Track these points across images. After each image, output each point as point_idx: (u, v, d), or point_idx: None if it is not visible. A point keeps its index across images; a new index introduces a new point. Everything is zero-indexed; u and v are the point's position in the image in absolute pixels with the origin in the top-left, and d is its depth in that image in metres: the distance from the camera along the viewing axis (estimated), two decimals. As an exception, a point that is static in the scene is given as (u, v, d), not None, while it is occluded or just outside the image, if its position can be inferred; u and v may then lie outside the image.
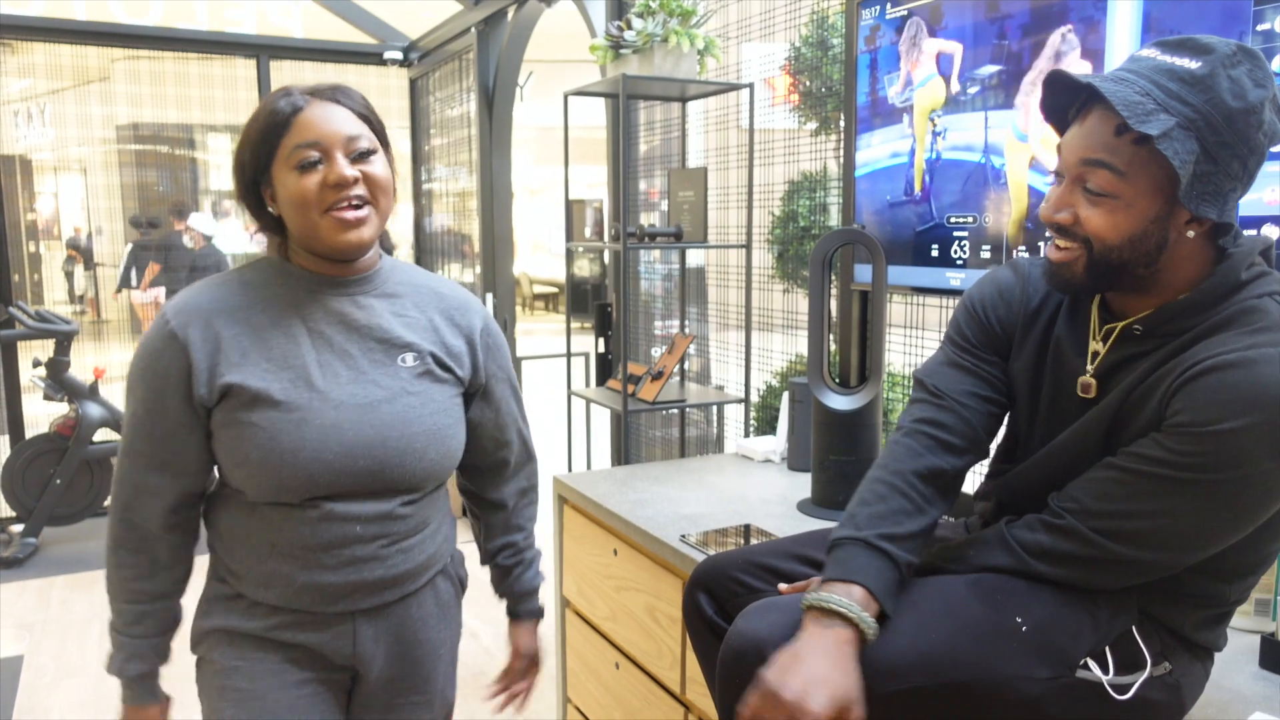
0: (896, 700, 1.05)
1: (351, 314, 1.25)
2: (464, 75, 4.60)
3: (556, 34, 4.97)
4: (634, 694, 1.98)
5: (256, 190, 1.21)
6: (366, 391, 1.22)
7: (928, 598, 1.11)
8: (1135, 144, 1.02)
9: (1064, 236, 1.09)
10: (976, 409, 1.22)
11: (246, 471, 1.18)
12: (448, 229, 5.08)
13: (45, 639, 3.40)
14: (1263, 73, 1.01)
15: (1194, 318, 1.06)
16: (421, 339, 1.28)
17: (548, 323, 13.33)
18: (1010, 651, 1.06)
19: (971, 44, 1.80)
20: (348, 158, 1.17)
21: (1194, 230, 1.04)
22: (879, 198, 2.06)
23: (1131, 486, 1.04)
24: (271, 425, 1.16)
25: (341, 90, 1.21)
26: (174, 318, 1.18)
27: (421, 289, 1.33)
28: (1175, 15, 1.45)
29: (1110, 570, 1.07)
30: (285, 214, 1.20)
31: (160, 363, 1.18)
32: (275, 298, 1.23)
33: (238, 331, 1.19)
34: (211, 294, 1.21)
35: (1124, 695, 1.07)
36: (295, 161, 1.15)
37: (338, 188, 1.16)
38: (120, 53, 4.87)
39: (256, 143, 1.18)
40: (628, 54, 2.64)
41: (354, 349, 1.24)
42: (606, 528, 2.04)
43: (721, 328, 3.27)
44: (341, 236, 1.18)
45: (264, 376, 1.18)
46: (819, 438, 1.93)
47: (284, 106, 1.16)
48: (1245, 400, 0.96)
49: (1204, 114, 0.99)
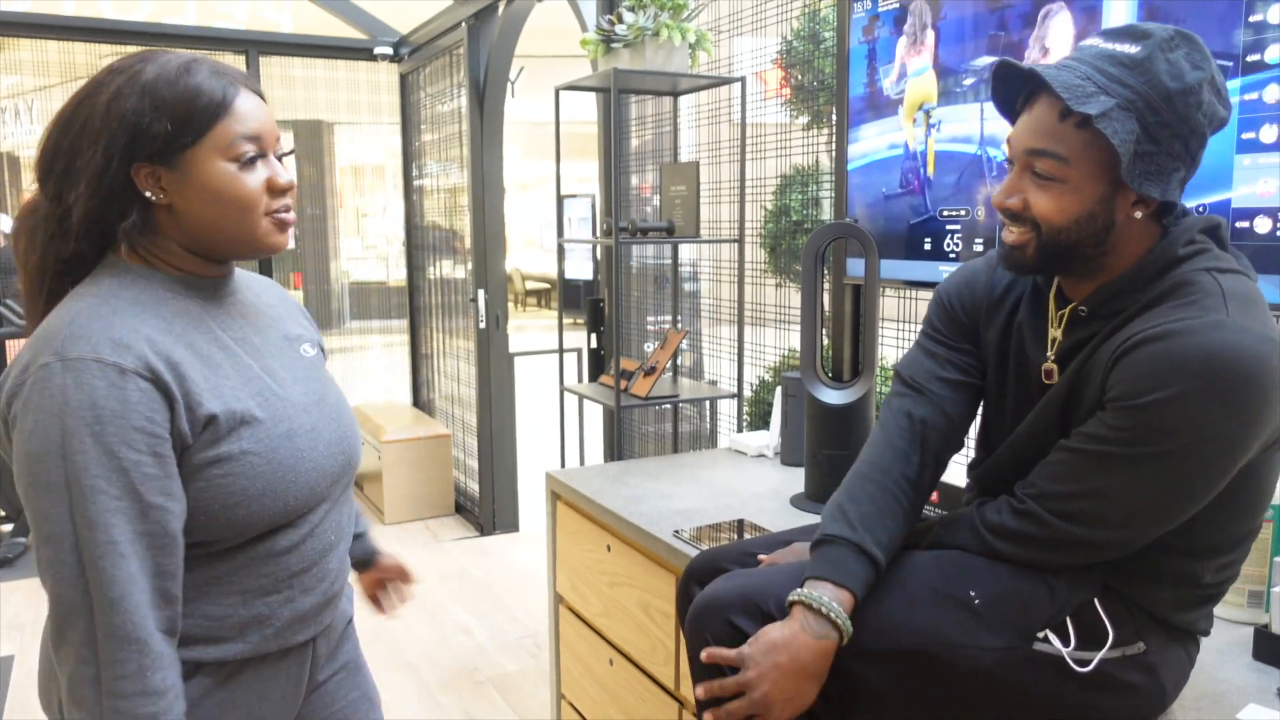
0: (856, 661, 1.11)
1: (248, 314, 1.14)
2: (455, 70, 4.58)
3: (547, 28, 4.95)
4: (628, 690, 1.98)
5: (128, 166, 1.00)
6: (309, 389, 1.14)
7: (890, 570, 1.16)
8: (1078, 128, 1.05)
9: (1015, 222, 1.12)
10: (949, 395, 1.26)
11: (246, 509, 1.01)
12: (439, 225, 5.07)
13: (36, 639, 3.38)
14: (1200, 55, 1.04)
15: (1131, 295, 1.09)
16: (299, 328, 1.22)
17: (540, 319, 13.31)
18: (962, 620, 1.10)
19: (972, 35, 1.80)
20: (277, 158, 1.08)
21: (1140, 211, 1.08)
22: (874, 190, 2.06)
23: (1078, 466, 1.08)
24: (265, 448, 1.03)
25: (255, 80, 1.09)
26: (116, 355, 0.94)
27: (251, 279, 1.23)
28: (1173, 8, 1.44)
29: (1069, 550, 1.10)
30: (193, 206, 1.02)
31: (138, 415, 0.94)
32: (182, 311, 1.05)
33: (185, 355, 1.01)
34: (124, 322, 0.98)
35: (1085, 668, 1.09)
36: (234, 154, 1.02)
37: (283, 192, 1.07)
38: (108, 49, 4.83)
39: (178, 115, 0.99)
40: (619, 48, 2.63)
41: (272, 349, 1.13)
42: (600, 524, 2.03)
43: (714, 322, 3.27)
44: (278, 239, 1.09)
45: (238, 396, 1.03)
46: (812, 432, 1.93)
47: (219, 86, 1.01)
48: (1171, 371, 0.99)
49: (1143, 95, 1.02)
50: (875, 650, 1.11)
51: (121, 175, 1.00)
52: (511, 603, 3.59)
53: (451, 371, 4.98)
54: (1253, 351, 0.98)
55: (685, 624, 1.24)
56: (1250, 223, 1.38)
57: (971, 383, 1.28)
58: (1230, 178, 1.39)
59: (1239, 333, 0.98)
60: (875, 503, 1.19)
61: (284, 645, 1.11)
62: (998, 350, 1.25)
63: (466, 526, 4.69)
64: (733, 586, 1.21)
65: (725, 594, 1.20)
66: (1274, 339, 1.00)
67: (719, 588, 1.22)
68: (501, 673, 3.06)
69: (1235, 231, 1.39)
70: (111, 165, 0.99)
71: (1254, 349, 0.98)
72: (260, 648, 1.08)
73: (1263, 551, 1.38)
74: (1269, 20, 1.32)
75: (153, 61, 1.01)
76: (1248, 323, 0.99)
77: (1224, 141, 1.37)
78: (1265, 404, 0.99)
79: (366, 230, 7.67)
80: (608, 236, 2.73)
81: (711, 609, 1.19)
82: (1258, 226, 1.37)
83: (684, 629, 1.25)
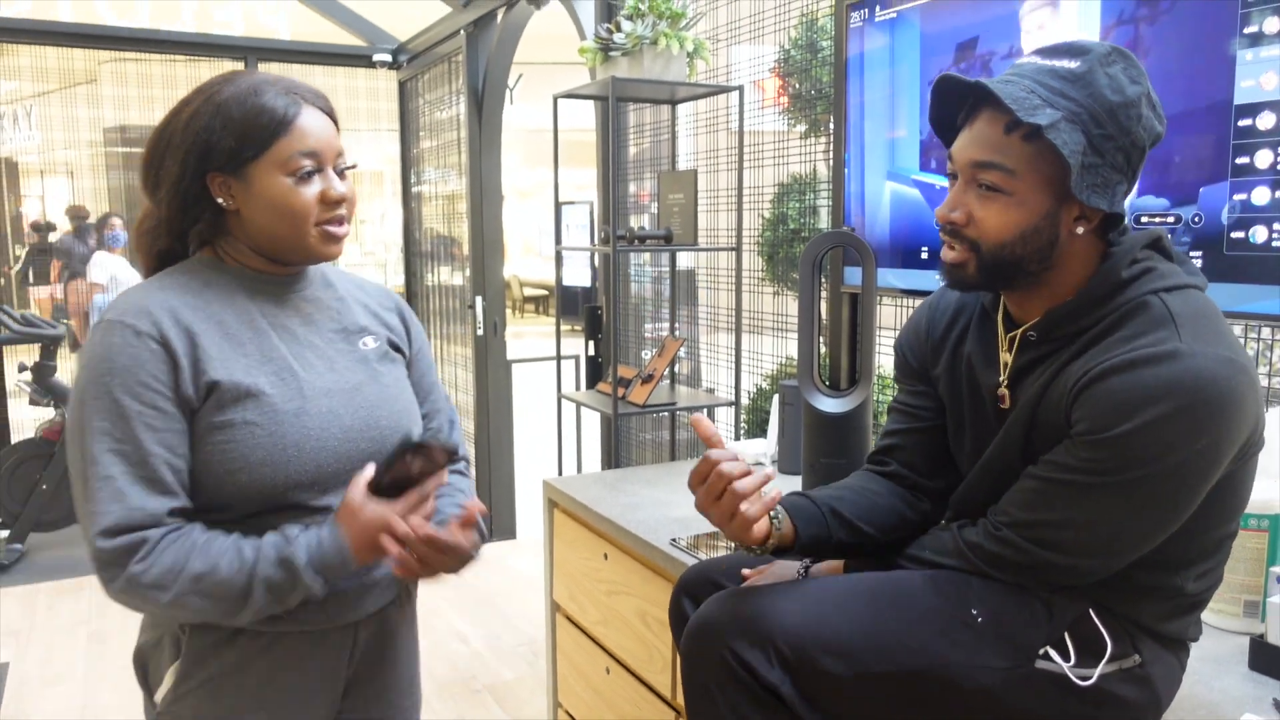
0: (858, 684, 1.10)
1: (303, 308, 1.23)
2: (453, 78, 4.59)
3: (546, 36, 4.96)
4: (625, 699, 1.98)
5: (202, 176, 1.13)
6: (344, 378, 1.21)
7: (885, 590, 1.16)
8: (1025, 140, 1.06)
9: (955, 239, 1.13)
10: (912, 446, 1.32)
11: (247, 476, 1.10)
12: (437, 232, 5.07)
13: (31, 646, 3.37)
14: (1136, 70, 1.07)
15: (1080, 320, 1.10)
16: (370, 323, 1.29)
17: (538, 325, 13.31)
18: (965, 641, 1.10)
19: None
20: (336, 172, 1.18)
21: (1083, 226, 1.09)
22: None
23: (1051, 495, 1.08)
24: (269, 421, 1.12)
25: (326, 99, 1.20)
26: (136, 319, 1.09)
27: (345, 280, 1.34)
28: (1161, 35, 1.45)
29: (1045, 574, 1.11)
30: (256, 214, 1.14)
31: (144, 371, 1.07)
32: (229, 296, 1.17)
33: (207, 328, 1.13)
34: (161, 295, 1.13)
35: (1087, 682, 1.09)
36: (292, 168, 1.13)
37: (335, 204, 1.16)
38: (107, 55, 4.84)
39: (243, 132, 1.11)
40: (617, 56, 2.64)
41: (318, 340, 1.22)
42: (597, 532, 2.03)
43: (712, 330, 3.27)
44: (328, 249, 1.19)
45: (249, 371, 1.13)
46: (809, 440, 1.93)
47: (283, 105, 1.13)
48: (1133, 403, 1.00)
49: (1086, 108, 1.04)
50: (879, 672, 1.10)
51: (197, 184, 1.13)
52: (508, 611, 3.58)
53: (449, 378, 4.98)
54: (1211, 374, 0.99)
55: (680, 646, 1.23)
56: (1245, 233, 1.38)
57: (931, 425, 1.31)
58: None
59: (1195, 358, 0.99)
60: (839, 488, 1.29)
61: (320, 625, 1.18)
62: (949, 382, 1.27)
63: (463, 533, 4.68)
64: (725, 611, 1.17)
65: (722, 619, 1.16)
66: (1230, 357, 1.01)
67: (714, 612, 1.18)
68: (498, 681, 3.05)
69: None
70: (187, 175, 1.12)
71: (1211, 371, 0.99)
72: (297, 624, 1.16)
73: (1258, 561, 1.38)
74: (1265, 31, 1.33)
75: (231, 82, 1.14)
76: (1201, 345, 1.00)
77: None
78: (1228, 422, 1.00)
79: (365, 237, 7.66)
80: (605, 244, 2.73)
81: (708, 634, 1.16)
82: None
83: (679, 650, 1.23)
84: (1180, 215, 1.45)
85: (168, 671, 1.18)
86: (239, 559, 1.08)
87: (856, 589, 1.17)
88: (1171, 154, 1.45)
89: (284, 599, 1.10)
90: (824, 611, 1.13)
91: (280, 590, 1.09)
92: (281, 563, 1.08)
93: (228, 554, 1.08)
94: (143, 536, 1.05)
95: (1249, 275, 1.38)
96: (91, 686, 3.06)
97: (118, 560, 1.05)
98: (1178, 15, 1.44)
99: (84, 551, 1.12)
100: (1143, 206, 1.50)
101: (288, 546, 1.09)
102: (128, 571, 1.05)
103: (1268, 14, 1.32)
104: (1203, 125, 1.41)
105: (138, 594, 1.06)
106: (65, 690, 3.04)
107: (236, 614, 1.09)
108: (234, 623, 1.11)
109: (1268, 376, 1.70)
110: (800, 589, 1.18)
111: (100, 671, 3.17)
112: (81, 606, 3.71)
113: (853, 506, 1.26)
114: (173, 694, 1.17)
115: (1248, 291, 1.37)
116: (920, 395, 1.33)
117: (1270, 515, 1.37)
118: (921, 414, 1.32)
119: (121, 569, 1.05)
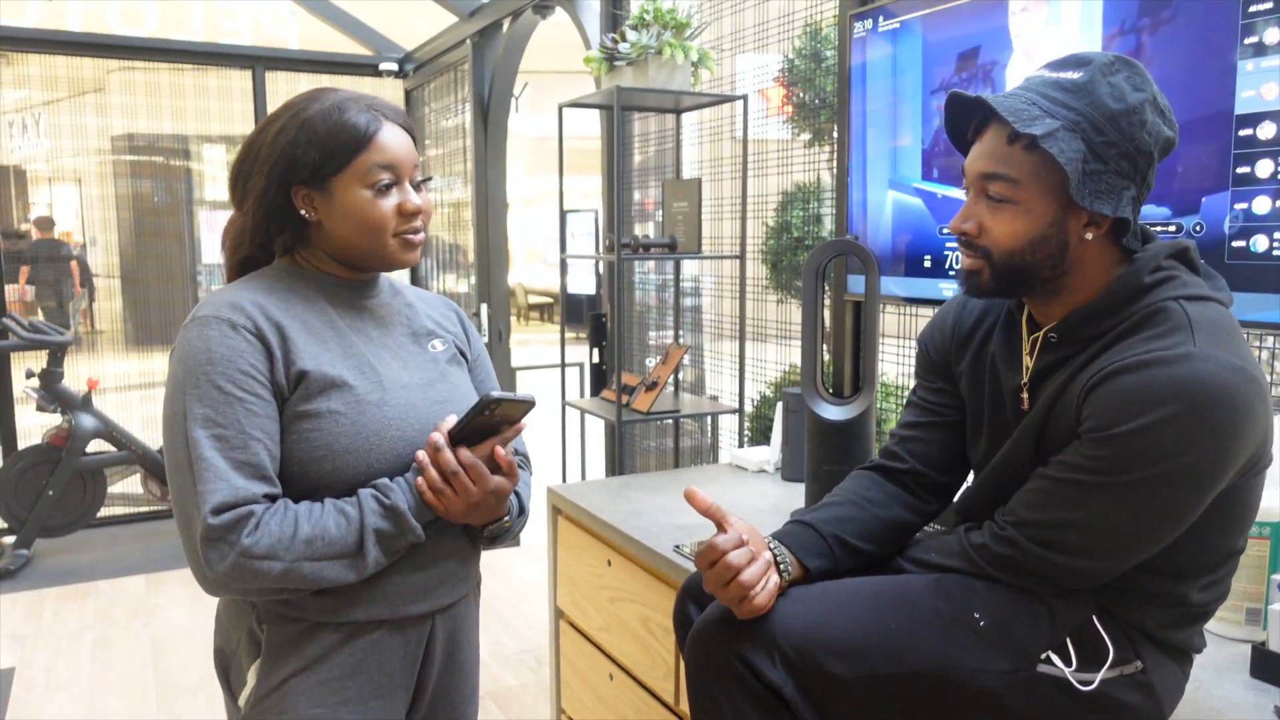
0: (861, 686, 1.11)
1: (376, 311, 1.29)
2: (459, 86, 4.61)
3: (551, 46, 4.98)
4: (628, 705, 1.98)
5: (287, 189, 1.18)
6: (417, 375, 1.26)
7: (888, 592, 1.17)
8: (1027, 150, 1.09)
9: (968, 249, 1.17)
10: (930, 440, 1.33)
11: (331, 463, 1.15)
12: (442, 239, 5.09)
13: (37, 651, 3.38)
14: (1141, 79, 1.09)
15: (1101, 323, 1.11)
16: (436, 328, 1.35)
17: (542, 333, 13.32)
18: (969, 644, 1.11)
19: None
20: (413, 185, 1.23)
21: (1092, 232, 1.10)
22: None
23: (1058, 495, 1.09)
24: (353, 410, 1.17)
25: (406, 115, 1.25)
26: (232, 314, 1.14)
27: (410, 290, 1.40)
28: (1162, 44, 1.46)
29: (1050, 576, 1.11)
30: (337, 225, 1.19)
31: (244, 360, 1.12)
32: (309, 299, 1.22)
33: (293, 324, 1.18)
34: (249, 294, 1.18)
35: (1089, 687, 1.09)
36: (371, 181, 1.18)
37: (411, 216, 1.22)
38: (115, 64, 4.87)
39: (326, 147, 1.16)
40: (622, 66, 2.66)
41: (390, 341, 1.27)
42: (601, 538, 2.03)
43: (716, 338, 3.28)
44: (406, 257, 1.24)
45: (334, 363, 1.18)
46: (813, 448, 1.93)
47: (364, 122, 1.17)
48: (1141, 402, 1.01)
49: (1087, 116, 1.06)
50: (882, 674, 1.11)
51: (281, 196, 1.18)
52: (512, 617, 3.59)
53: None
54: (1221, 380, 0.99)
55: (685, 650, 1.24)
56: (1268, 236, 1.39)
57: (951, 421, 1.32)
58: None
59: (1206, 362, 1.00)
60: (835, 506, 1.30)
61: (399, 614, 1.22)
62: (972, 381, 1.28)
63: (468, 540, 4.68)
64: (729, 614, 1.18)
65: (726, 621, 1.17)
66: (1242, 366, 1.01)
67: (718, 615, 1.19)
68: (502, 687, 3.06)
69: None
70: (272, 187, 1.18)
71: (1222, 377, 0.99)
72: (375, 613, 1.20)
73: (1260, 569, 1.39)
74: (1266, 42, 1.34)
75: (317, 100, 1.18)
76: (1215, 351, 1.01)
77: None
78: (1235, 429, 1.00)
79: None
80: (610, 252, 2.74)
81: (713, 636, 1.17)
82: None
83: (683, 654, 1.25)
84: (1181, 224, 1.46)
85: (250, 670, 1.20)
86: (344, 517, 1.13)
87: (860, 591, 1.17)
88: (1174, 163, 1.46)
89: (394, 547, 1.16)
90: (828, 614, 1.14)
91: (390, 540, 1.15)
92: (388, 512, 1.14)
93: (331, 515, 1.13)
94: (249, 510, 1.08)
95: (1250, 284, 1.38)
96: (97, 692, 3.07)
97: (228, 536, 1.07)
98: (1179, 25, 1.44)
99: (89, 558, 1.12)
100: (1144, 215, 1.50)
101: (387, 497, 1.15)
102: (240, 545, 1.07)
103: (1269, 25, 1.33)
104: (1204, 135, 1.42)
105: (249, 569, 1.07)
106: (70, 695, 3.05)
107: (354, 570, 1.14)
108: (351, 581, 1.15)
109: (1271, 385, 1.70)
110: (804, 592, 1.19)
111: (105, 677, 3.17)
112: (87, 612, 3.72)
113: (856, 527, 1.26)
114: (256, 693, 1.19)
115: (1249, 300, 1.38)
116: (940, 392, 1.34)
117: (1272, 523, 1.38)
118: (941, 410, 1.33)
119: (232, 546, 1.07)
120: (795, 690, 1.12)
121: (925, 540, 1.29)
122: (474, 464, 1.18)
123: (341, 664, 1.19)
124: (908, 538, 1.31)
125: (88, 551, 4.38)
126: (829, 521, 1.27)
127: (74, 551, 4.36)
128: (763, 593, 1.15)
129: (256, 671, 1.19)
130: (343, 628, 1.19)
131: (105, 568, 4.17)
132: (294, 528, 1.10)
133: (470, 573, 1.34)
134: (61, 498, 4.21)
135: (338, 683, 1.19)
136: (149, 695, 3.05)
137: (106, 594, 3.91)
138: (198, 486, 1.08)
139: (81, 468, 4.24)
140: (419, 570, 1.23)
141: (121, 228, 5.30)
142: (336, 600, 1.17)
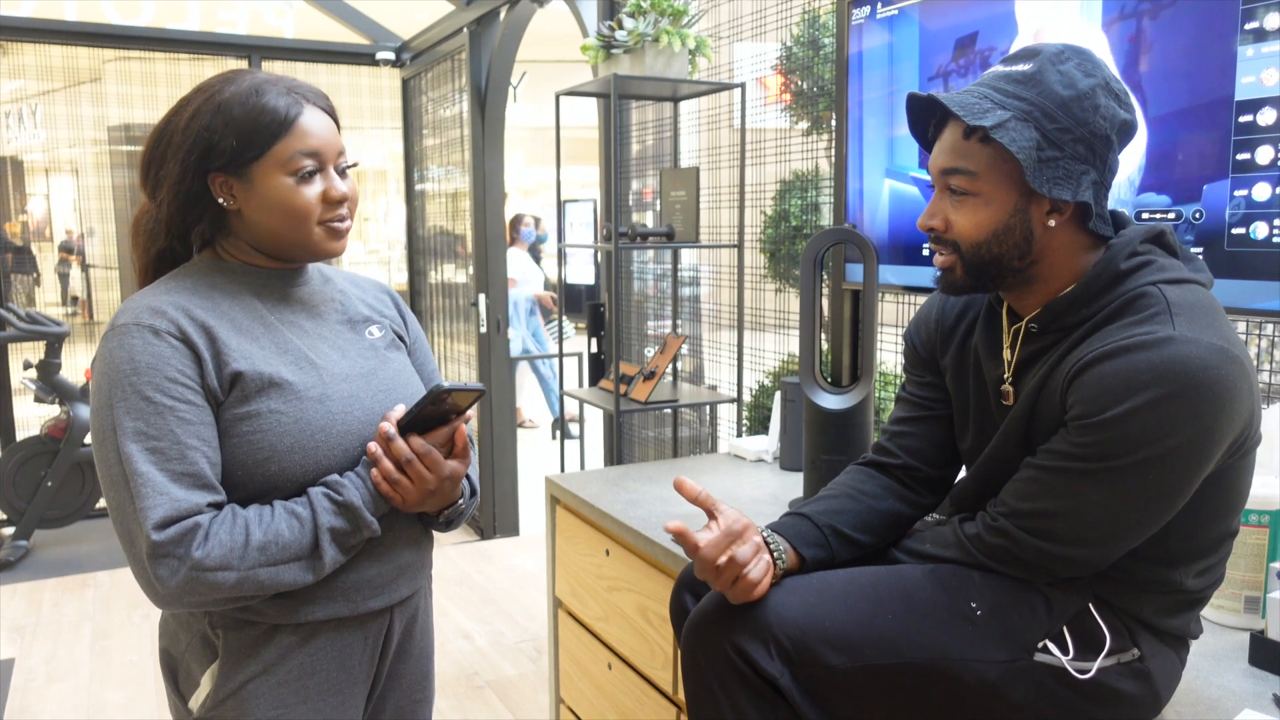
0: (858, 677, 1.11)
1: (308, 301, 1.24)
2: (456, 76, 4.59)
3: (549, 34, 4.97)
4: (626, 694, 1.98)
5: (203, 176, 1.12)
6: (357, 364, 1.22)
7: (885, 583, 1.17)
8: (983, 143, 1.11)
9: (939, 245, 1.18)
10: (921, 435, 1.34)
11: (277, 464, 1.11)
12: (440, 229, 5.08)
13: (36, 642, 3.39)
14: (1091, 64, 1.10)
15: (1080, 311, 1.12)
16: (372, 314, 1.31)
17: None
18: (966, 634, 1.11)
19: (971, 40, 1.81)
20: (337, 171, 1.18)
21: (1055, 219, 1.11)
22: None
23: (1047, 484, 1.09)
24: (293, 408, 1.13)
25: (327, 98, 1.20)
26: (152, 319, 1.09)
27: (341, 276, 1.35)
28: (1162, 30, 1.45)
29: (1043, 566, 1.12)
30: (258, 214, 1.14)
31: (170, 366, 1.07)
32: (235, 294, 1.17)
33: (220, 324, 1.13)
34: (169, 297, 1.12)
35: (1085, 675, 1.10)
36: (294, 168, 1.13)
37: (337, 204, 1.17)
38: (111, 53, 4.85)
39: (244, 132, 1.11)
40: (619, 54, 2.64)
41: (325, 331, 1.23)
42: (599, 528, 2.03)
43: (714, 327, 3.27)
44: (332, 246, 1.19)
45: (269, 361, 1.14)
46: (811, 437, 1.93)
47: (284, 105, 1.12)
48: (1124, 387, 1.01)
49: (1038, 105, 1.08)
50: (879, 665, 1.11)
51: (198, 184, 1.13)
52: (511, 607, 3.59)
53: (452, 375, 4.99)
54: (1203, 362, 0.99)
55: (681, 639, 1.24)
56: (1246, 228, 1.38)
57: (941, 415, 1.33)
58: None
59: (1188, 344, 1.00)
60: (831, 499, 1.30)
61: (358, 611, 1.19)
62: (956, 374, 1.29)
63: (466, 530, 4.69)
64: (725, 604, 1.18)
65: (722, 612, 1.17)
66: (1224, 347, 1.01)
67: (714, 605, 1.19)
68: (501, 677, 3.06)
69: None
70: (188, 175, 1.12)
71: (1204, 359, 1.00)
72: (333, 611, 1.17)
73: (1259, 557, 1.38)
74: (1266, 27, 1.33)
75: (233, 82, 1.13)
76: (1197, 334, 1.01)
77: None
78: (1220, 410, 1.00)
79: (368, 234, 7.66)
80: (608, 241, 2.73)
81: (709, 626, 1.17)
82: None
83: (680, 645, 1.24)
84: (1182, 212, 1.45)
85: (204, 675, 1.16)
86: (296, 519, 1.10)
87: (857, 582, 1.17)
88: (1174, 151, 1.45)
89: (350, 544, 1.13)
90: (824, 604, 1.14)
91: (345, 537, 1.12)
92: (341, 509, 1.11)
93: (283, 518, 1.09)
94: (194, 522, 1.04)
95: (1250, 271, 1.37)
96: (96, 683, 3.07)
97: (176, 551, 1.03)
98: (1179, 11, 1.43)
99: (88, 549, 1.11)
100: (1145, 203, 1.50)
101: (340, 494, 1.12)
102: (191, 559, 1.03)
103: (1269, 10, 1.32)
104: (1204, 122, 1.41)
105: (202, 582, 1.04)
106: (70, 687, 3.05)
107: (312, 572, 1.11)
108: (309, 582, 1.12)
109: (1269, 373, 1.70)
110: (800, 582, 1.19)
111: (104, 668, 3.18)
112: (86, 603, 3.73)
113: (852, 519, 1.27)
114: (213, 699, 1.15)
115: (1249, 287, 1.37)
116: (928, 386, 1.35)
117: (1271, 511, 1.37)
118: (930, 404, 1.34)
119: (182, 561, 1.03)
120: (792, 681, 1.12)
121: (921, 531, 1.29)
122: (428, 451, 1.15)
123: (301, 664, 1.17)
124: (904, 529, 1.31)
125: (86, 542, 4.38)
126: (824, 513, 1.27)
127: (73, 542, 4.37)
128: (756, 568, 1.14)
129: (213, 676, 1.15)
130: (301, 628, 1.16)
131: (104, 558, 4.18)
132: (245, 535, 1.06)
133: (425, 561, 1.31)
134: (60, 489, 4.21)
135: (297, 683, 1.17)
136: (148, 686, 3.05)
137: (105, 585, 3.92)
138: (137, 503, 1.03)
139: (80, 459, 4.24)
140: (376, 564, 1.20)
141: (119, 218, 5.28)
142: (294, 601, 1.14)
